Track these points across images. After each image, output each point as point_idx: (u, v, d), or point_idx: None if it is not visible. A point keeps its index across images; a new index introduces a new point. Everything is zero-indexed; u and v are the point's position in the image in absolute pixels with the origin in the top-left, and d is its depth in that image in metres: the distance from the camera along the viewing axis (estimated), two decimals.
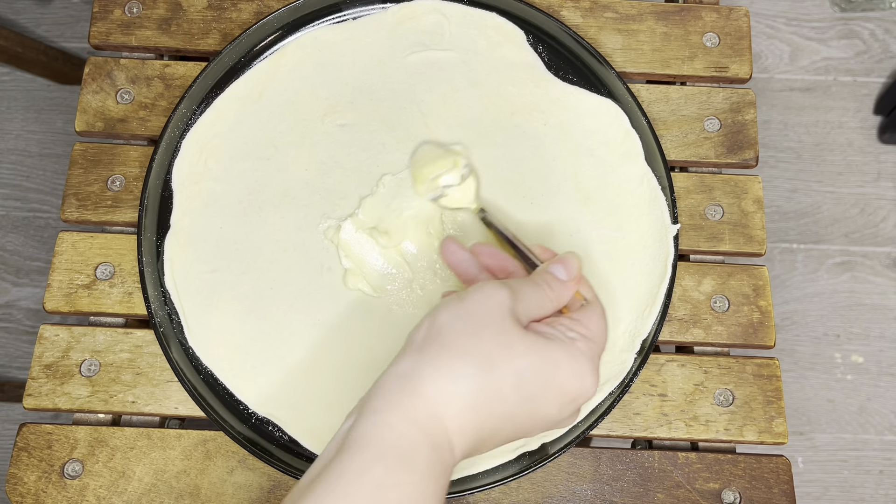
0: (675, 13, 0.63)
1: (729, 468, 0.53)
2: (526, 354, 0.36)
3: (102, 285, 0.56)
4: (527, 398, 0.36)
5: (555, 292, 0.41)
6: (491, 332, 0.36)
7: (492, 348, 0.36)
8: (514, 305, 0.38)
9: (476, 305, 0.37)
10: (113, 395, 0.54)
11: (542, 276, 0.41)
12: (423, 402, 0.34)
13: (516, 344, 0.37)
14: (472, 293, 0.38)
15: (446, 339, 0.36)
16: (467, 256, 0.45)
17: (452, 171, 0.53)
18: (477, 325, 0.37)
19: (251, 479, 0.52)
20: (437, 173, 0.53)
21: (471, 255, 0.45)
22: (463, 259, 0.45)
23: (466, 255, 0.45)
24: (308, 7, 0.59)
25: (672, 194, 0.55)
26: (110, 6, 0.62)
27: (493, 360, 0.36)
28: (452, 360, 0.35)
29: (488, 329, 0.36)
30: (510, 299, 0.38)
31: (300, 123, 0.57)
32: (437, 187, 0.53)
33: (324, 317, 0.53)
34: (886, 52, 1.26)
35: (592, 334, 0.39)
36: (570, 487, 0.53)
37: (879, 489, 1.10)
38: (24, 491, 0.52)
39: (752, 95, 0.61)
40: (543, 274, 0.42)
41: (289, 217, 0.55)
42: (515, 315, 0.38)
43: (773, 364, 0.55)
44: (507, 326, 0.37)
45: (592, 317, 0.41)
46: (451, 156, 0.54)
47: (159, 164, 0.56)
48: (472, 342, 0.36)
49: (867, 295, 1.17)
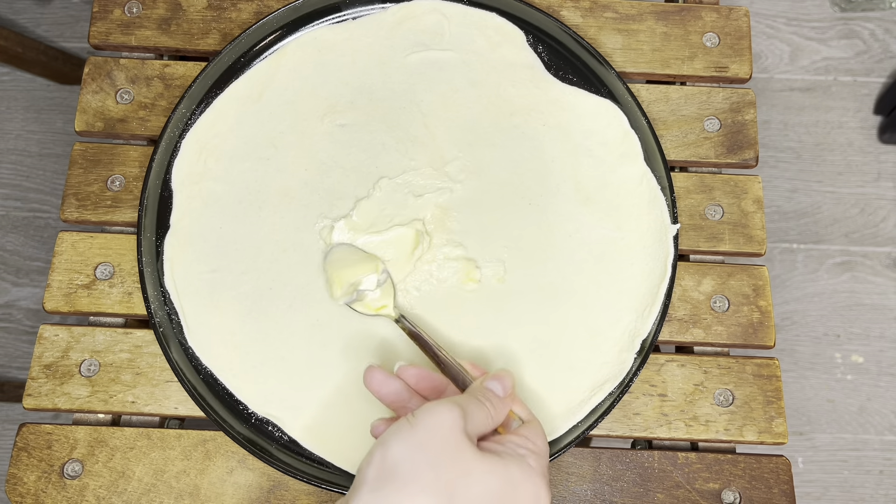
0: (675, 13, 0.63)
1: (729, 468, 0.53)
2: (485, 479, 0.36)
3: (102, 285, 0.56)
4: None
5: (496, 409, 0.40)
6: (448, 459, 0.35)
7: (451, 478, 0.35)
8: (464, 424, 0.37)
9: (429, 432, 0.36)
10: (113, 395, 0.54)
11: (482, 392, 0.41)
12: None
13: (474, 468, 0.36)
14: (423, 417, 0.37)
15: (403, 474, 0.35)
16: (396, 385, 0.44)
17: (371, 275, 0.52)
18: (433, 455, 0.35)
19: (251, 479, 0.52)
20: (357, 278, 0.52)
21: (399, 382, 0.44)
22: (392, 389, 0.44)
23: (395, 383, 0.44)
24: (308, 7, 0.59)
25: (672, 194, 0.55)
26: (110, 6, 0.62)
27: (453, 490, 0.34)
28: (412, 497, 0.34)
29: (445, 456, 0.35)
30: (461, 419, 0.37)
31: (300, 123, 0.57)
32: (353, 292, 0.52)
33: (323, 317, 0.53)
34: (886, 52, 1.26)
35: (539, 449, 0.39)
36: (570, 487, 0.53)
37: (879, 489, 1.10)
38: (24, 491, 0.52)
39: (752, 95, 0.61)
40: (483, 390, 0.41)
41: (288, 217, 0.55)
42: (468, 434, 0.37)
43: (773, 364, 0.55)
44: (463, 449, 0.36)
45: (536, 432, 0.41)
46: (371, 260, 0.53)
47: (159, 164, 0.56)
48: (431, 475, 0.34)
49: (867, 295, 1.17)
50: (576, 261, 0.55)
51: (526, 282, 0.54)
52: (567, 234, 0.55)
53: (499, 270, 0.54)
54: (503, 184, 0.56)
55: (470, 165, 0.56)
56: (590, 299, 0.54)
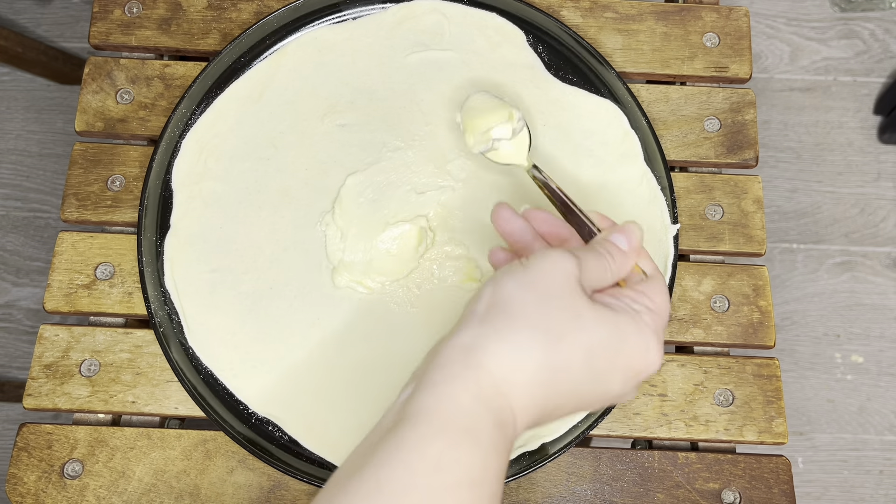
0: (675, 13, 0.63)
1: (729, 468, 0.53)
2: (595, 327, 0.35)
3: (102, 285, 0.56)
4: (594, 373, 0.35)
5: (617, 263, 0.39)
6: (558, 302, 0.35)
7: (560, 320, 0.34)
8: (580, 275, 0.36)
9: (542, 274, 0.35)
10: (113, 395, 0.54)
11: (604, 246, 0.39)
12: (487, 375, 0.33)
13: (585, 315, 0.35)
14: (537, 261, 0.36)
15: (511, 309, 0.34)
16: (521, 224, 0.42)
17: (506, 123, 0.50)
18: (544, 295, 0.35)
19: (251, 479, 0.52)
20: (490, 125, 0.50)
21: (524, 222, 0.42)
22: (517, 227, 0.42)
23: (520, 222, 0.42)
24: (308, 7, 0.59)
25: (672, 194, 0.55)
26: (110, 6, 0.62)
27: (561, 332, 0.34)
28: (519, 331, 0.33)
29: (556, 299, 0.35)
30: (577, 268, 0.36)
31: (300, 123, 0.57)
32: (488, 140, 0.50)
33: (324, 316, 0.53)
34: (886, 52, 1.26)
35: (657, 307, 0.38)
36: (570, 487, 0.53)
37: (879, 489, 1.10)
38: (24, 491, 0.52)
39: (751, 95, 0.61)
40: (605, 243, 0.40)
41: (288, 217, 0.55)
42: (582, 284, 0.36)
43: (773, 364, 0.56)
44: (575, 296, 0.35)
45: (656, 289, 0.39)
46: (506, 108, 0.51)
47: (159, 164, 0.56)
48: (540, 313, 0.34)
49: (867, 295, 1.17)
50: None
51: None
52: None
53: None
54: (505, 183, 0.56)
55: (470, 164, 0.56)
56: None
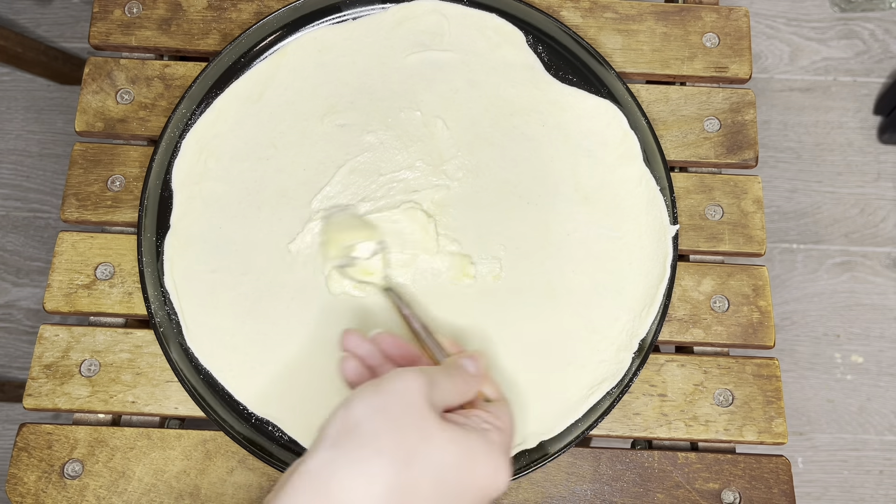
0: (675, 13, 0.63)
1: (729, 468, 0.53)
2: (445, 445, 0.35)
3: (102, 285, 0.56)
4: (444, 495, 0.35)
5: (465, 384, 0.41)
6: (409, 424, 0.35)
7: (410, 441, 0.35)
8: (430, 393, 0.37)
9: (393, 396, 0.36)
10: (113, 396, 0.54)
11: (454, 367, 0.41)
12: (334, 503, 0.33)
13: (435, 436, 0.35)
14: (388, 382, 0.37)
15: (362, 433, 0.34)
16: (368, 348, 0.44)
17: (369, 242, 0.52)
18: (394, 419, 0.35)
19: (251, 479, 0.52)
20: (353, 241, 0.52)
21: (372, 346, 0.45)
22: (365, 352, 0.44)
23: (367, 346, 0.44)
24: (308, 7, 0.59)
25: (672, 194, 0.55)
26: (110, 6, 0.62)
27: (411, 454, 0.34)
28: (370, 457, 0.34)
29: (406, 421, 0.35)
30: (427, 386, 0.37)
31: (300, 123, 0.58)
32: (347, 256, 0.52)
33: (322, 317, 0.53)
34: (886, 52, 1.26)
35: (504, 426, 0.39)
36: (570, 487, 0.53)
37: (879, 489, 1.10)
38: (24, 491, 0.52)
39: (751, 95, 0.61)
40: (455, 365, 0.41)
41: (288, 217, 0.55)
42: (432, 404, 0.37)
43: (773, 364, 0.56)
44: (426, 416, 0.36)
45: (504, 410, 0.41)
46: (370, 228, 0.53)
47: (159, 164, 0.56)
48: (389, 437, 0.34)
49: (867, 295, 1.17)
50: (573, 260, 0.55)
51: (522, 280, 0.54)
52: (565, 234, 0.55)
53: (495, 268, 0.54)
54: (501, 183, 0.56)
55: (468, 164, 0.56)
56: (586, 298, 0.54)
